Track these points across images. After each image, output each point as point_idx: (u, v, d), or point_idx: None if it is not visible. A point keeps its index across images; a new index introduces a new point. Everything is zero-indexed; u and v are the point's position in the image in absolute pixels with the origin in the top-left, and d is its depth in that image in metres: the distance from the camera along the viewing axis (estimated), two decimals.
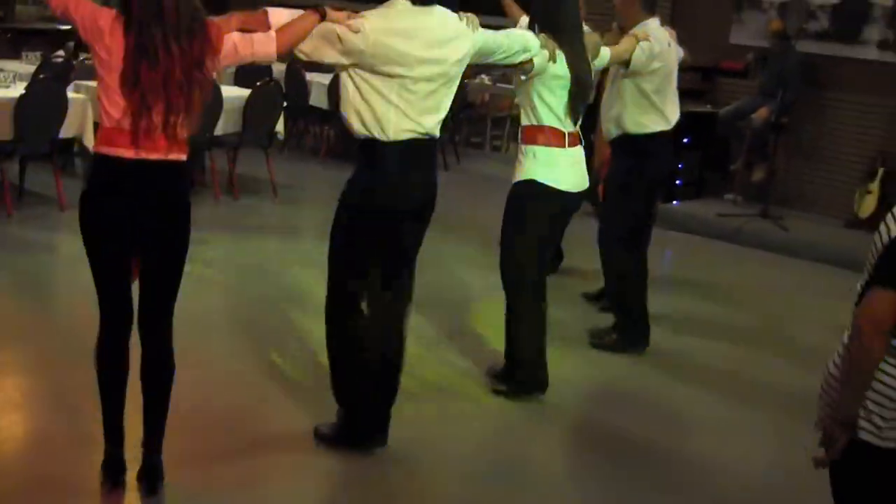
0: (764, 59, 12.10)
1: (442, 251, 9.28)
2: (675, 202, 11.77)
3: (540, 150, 6.03)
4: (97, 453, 4.78)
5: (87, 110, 9.73)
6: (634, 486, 5.47)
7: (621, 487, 5.45)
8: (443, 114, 5.20)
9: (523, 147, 6.10)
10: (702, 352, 7.62)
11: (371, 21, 4.95)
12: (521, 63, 5.77)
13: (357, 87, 5.02)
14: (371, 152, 5.11)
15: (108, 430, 4.69)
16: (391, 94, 4.99)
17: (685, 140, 11.39)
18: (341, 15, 4.91)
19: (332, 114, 13.13)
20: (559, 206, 6.17)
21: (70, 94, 9.81)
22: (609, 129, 7.22)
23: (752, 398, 6.82)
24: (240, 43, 4.63)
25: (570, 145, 6.08)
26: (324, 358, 5.48)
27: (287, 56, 5.08)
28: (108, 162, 4.42)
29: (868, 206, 11.55)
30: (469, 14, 5.32)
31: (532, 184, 6.04)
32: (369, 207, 5.17)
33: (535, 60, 5.78)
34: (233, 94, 10.91)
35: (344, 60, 4.97)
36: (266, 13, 4.90)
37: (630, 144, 7.16)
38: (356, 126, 5.09)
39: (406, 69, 4.98)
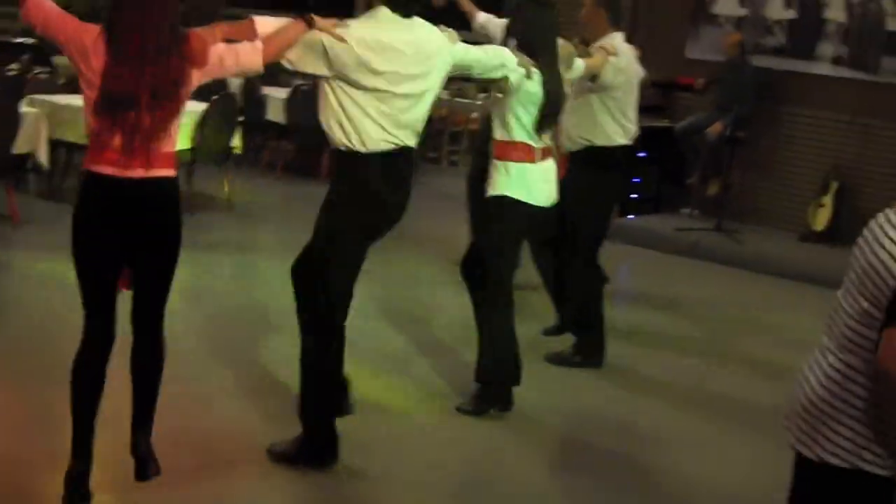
0: (713, 81, 12.16)
1: (399, 266, 9.30)
2: (631, 217, 11.81)
3: (512, 166, 6.07)
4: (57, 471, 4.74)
5: (40, 126, 9.64)
6: (609, 499, 5.49)
7: (597, 500, 5.47)
8: (420, 126, 5.26)
9: (496, 162, 6.12)
10: (661, 366, 7.65)
11: (357, 32, 4.93)
12: (498, 80, 5.80)
13: (338, 99, 5.01)
14: (350, 162, 5.10)
15: (77, 445, 4.63)
16: (370, 107, 5.00)
17: (642, 155, 11.43)
18: (328, 23, 4.89)
19: (289, 128, 13.12)
20: (530, 220, 6.22)
21: (24, 108, 9.72)
22: (573, 141, 7.20)
23: (715, 411, 6.87)
24: (225, 55, 4.61)
25: (541, 160, 6.13)
26: (282, 374, 5.46)
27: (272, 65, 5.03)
28: (95, 179, 4.42)
29: (822, 219, 11.66)
30: (449, 29, 5.34)
31: (504, 199, 6.08)
32: (353, 224, 5.19)
33: (512, 77, 5.80)
34: (188, 108, 10.77)
35: (327, 72, 4.96)
36: (252, 22, 4.87)
37: (595, 157, 7.17)
38: (336, 136, 5.07)
39: (390, 85, 4.99)
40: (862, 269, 3.07)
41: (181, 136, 10.10)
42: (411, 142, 5.22)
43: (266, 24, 4.89)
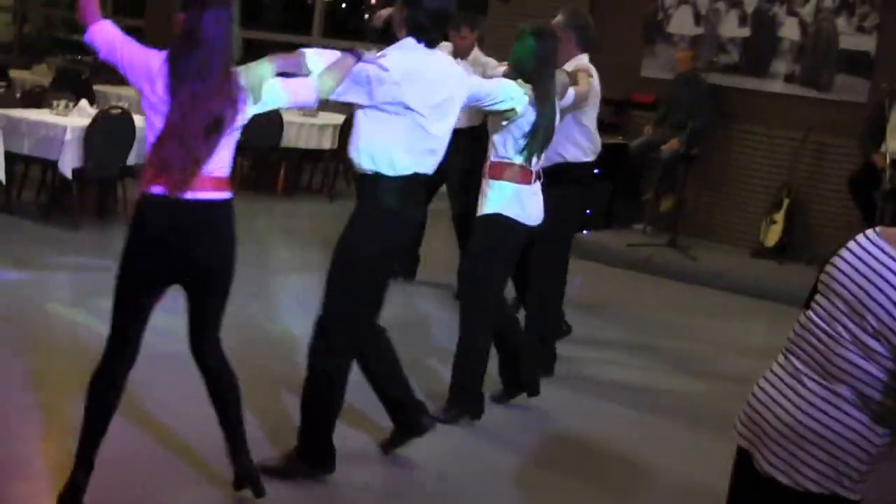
0: (668, 103, 12.30)
1: None
2: (585, 232, 11.88)
3: (508, 186, 6.21)
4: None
5: None
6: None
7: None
8: (442, 152, 5.39)
9: (490, 181, 6.26)
10: (618, 376, 7.77)
11: (395, 63, 5.10)
12: (505, 111, 5.94)
13: (371, 125, 5.16)
14: (374, 186, 5.23)
15: (82, 457, 4.71)
16: (402, 134, 5.15)
17: (596, 171, 11.50)
18: (372, 55, 5.10)
19: (245, 144, 13.09)
20: (522, 238, 6.38)
21: None
22: (546, 158, 7.26)
23: (671, 414, 7.03)
24: (282, 91, 4.76)
25: (533, 182, 6.30)
26: (252, 389, 5.45)
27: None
28: (152, 201, 4.55)
29: (773, 235, 11.78)
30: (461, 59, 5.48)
31: (499, 217, 6.22)
32: (379, 248, 5.30)
33: (519, 109, 5.95)
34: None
35: (367, 101, 5.10)
36: (302, 56, 4.96)
37: (567, 173, 7.27)
38: (365, 162, 5.21)
39: (422, 113, 5.15)
40: (860, 302, 3.05)
41: (142, 152, 10.17)
42: (431, 169, 5.35)
43: (318, 57, 4.98)
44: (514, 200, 6.21)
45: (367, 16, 8.32)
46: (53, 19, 21.44)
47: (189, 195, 4.52)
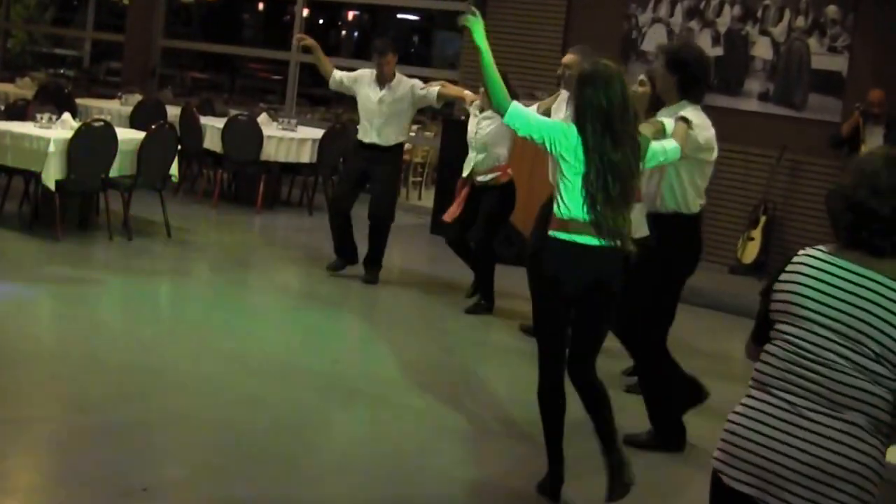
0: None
1: (339, 293, 9.48)
2: None
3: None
4: None
5: None
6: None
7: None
8: None
9: (638, 205, 5.93)
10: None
11: (697, 120, 6.25)
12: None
13: (679, 171, 6.25)
14: (684, 225, 6.33)
15: (552, 453, 5.51)
16: (698, 175, 6.38)
17: None
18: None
19: (225, 157, 13.23)
20: None
21: None
22: None
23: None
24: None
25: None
26: (225, 390, 5.55)
27: None
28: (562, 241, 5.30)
29: (751, 252, 11.93)
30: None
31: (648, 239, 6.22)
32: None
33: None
34: (128, 136, 10.95)
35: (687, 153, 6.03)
36: (661, 123, 6.03)
37: None
38: (669, 202, 6.25)
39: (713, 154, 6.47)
40: (856, 330, 3.08)
41: (123, 165, 10.27)
42: None
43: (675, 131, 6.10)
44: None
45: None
46: (36, 35, 21.50)
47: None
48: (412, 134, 15.68)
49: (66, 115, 10.94)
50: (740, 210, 12.19)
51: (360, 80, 9.93)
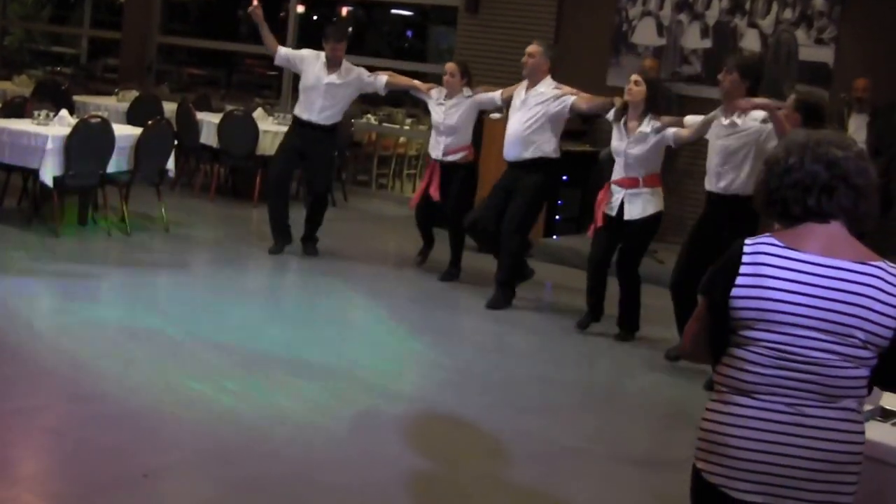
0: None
1: (335, 285, 9.61)
2: (555, 237, 12.16)
3: (659, 190, 8.80)
4: None
5: None
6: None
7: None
8: None
9: (657, 189, 8.88)
10: (585, 377, 8.02)
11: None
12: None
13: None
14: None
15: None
16: None
17: (564, 178, 11.78)
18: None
19: (222, 152, 13.37)
20: None
21: None
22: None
23: (636, 411, 7.24)
24: None
25: None
26: (225, 380, 5.66)
27: None
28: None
29: None
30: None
31: (661, 214, 8.83)
32: None
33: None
34: (125, 132, 11.08)
35: None
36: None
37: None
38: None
39: None
40: (844, 325, 3.09)
41: (121, 160, 10.39)
42: None
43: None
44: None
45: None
46: (34, 32, 21.58)
47: None
48: (406, 127, 15.89)
49: (64, 112, 11.06)
50: None
51: (306, 60, 10.57)
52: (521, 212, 9.44)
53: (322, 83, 10.37)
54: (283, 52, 10.68)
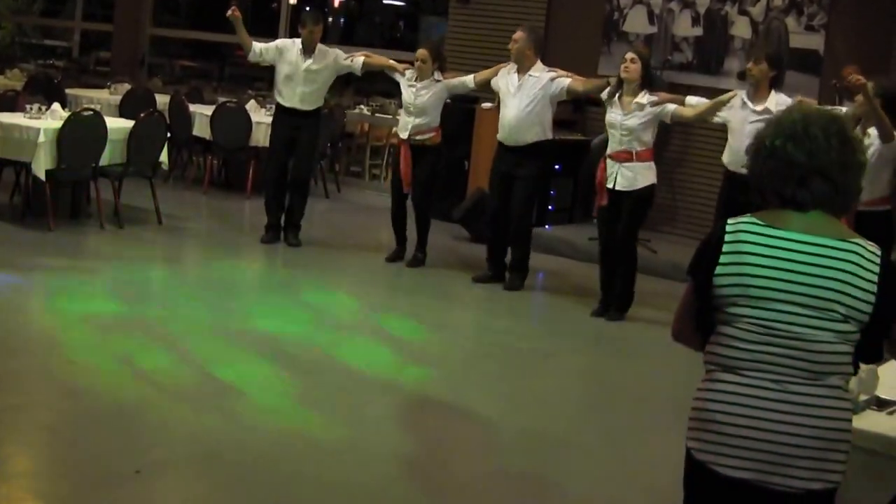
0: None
1: (329, 276, 9.63)
2: (547, 227, 12.17)
3: (652, 164, 8.98)
4: None
5: None
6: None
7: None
8: None
9: (650, 163, 9.03)
10: (577, 365, 8.09)
11: None
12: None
13: None
14: None
15: None
16: None
17: (557, 167, 11.81)
18: None
19: (215, 144, 13.38)
20: None
21: None
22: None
23: (629, 406, 7.28)
24: None
25: None
26: (218, 374, 5.66)
27: None
28: None
29: None
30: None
31: (654, 186, 9.02)
32: None
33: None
34: (117, 125, 11.09)
35: None
36: None
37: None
38: None
39: None
40: (824, 299, 3.12)
41: (114, 153, 10.41)
42: None
43: None
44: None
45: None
46: (25, 26, 21.54)
47: None
48: (398, 118, 15.85)
49: (56, 106, 11.05)
50: (717, 186, 12.29)
51: (283, 50, 10.76)
52: (527, 200, 9.86)
53: (300, 69, 10.59)
54: (258, 48, 10.78)
